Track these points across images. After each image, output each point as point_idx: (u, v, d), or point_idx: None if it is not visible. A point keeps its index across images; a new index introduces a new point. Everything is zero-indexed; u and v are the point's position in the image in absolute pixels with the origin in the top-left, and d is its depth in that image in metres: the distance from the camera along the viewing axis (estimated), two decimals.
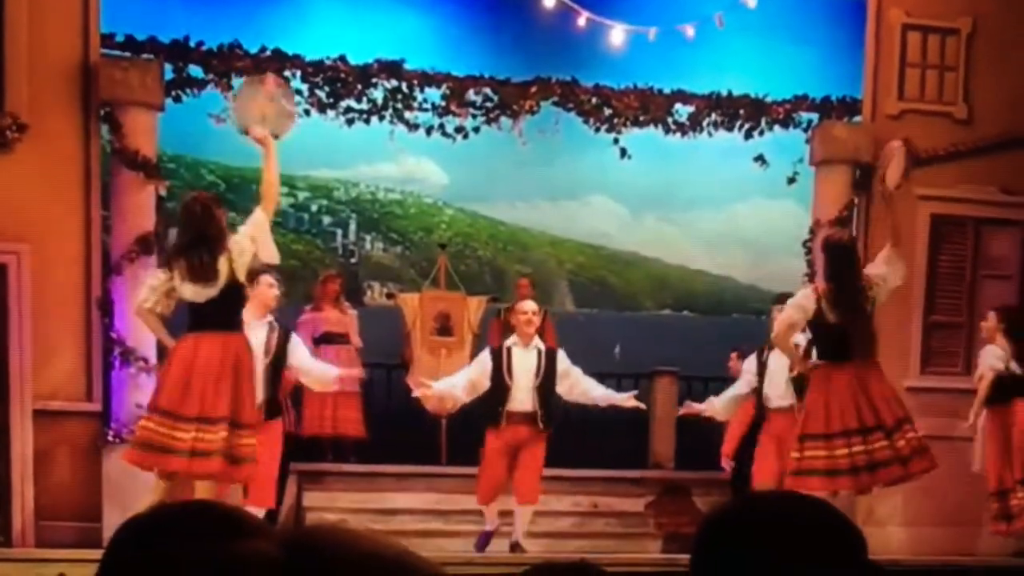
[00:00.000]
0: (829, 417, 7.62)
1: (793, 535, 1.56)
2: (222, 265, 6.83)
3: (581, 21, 9.12)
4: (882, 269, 7.75)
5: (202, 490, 6.89)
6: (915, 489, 10.18)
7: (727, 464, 9.61)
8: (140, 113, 9.01)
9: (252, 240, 6.91)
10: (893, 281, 7.80)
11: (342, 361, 10.36)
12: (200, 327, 6.92)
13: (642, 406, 8.51)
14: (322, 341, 10.38)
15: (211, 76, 9.42)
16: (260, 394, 7.32)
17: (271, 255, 7.03)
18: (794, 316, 7.69)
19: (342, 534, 1.28)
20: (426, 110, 9.95)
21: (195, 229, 6.90)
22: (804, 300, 7.72)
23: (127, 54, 9.18)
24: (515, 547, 8.33)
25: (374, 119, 9.91)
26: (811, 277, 10.18)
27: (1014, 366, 8.84)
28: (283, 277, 11.91)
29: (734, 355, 10.09)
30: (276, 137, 7.23)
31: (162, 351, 7.84)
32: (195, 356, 6.85)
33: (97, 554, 1.56)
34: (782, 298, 8.39)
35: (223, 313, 6.90)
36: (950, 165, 10.30)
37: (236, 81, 9.46)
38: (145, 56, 9.19)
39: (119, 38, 9.20)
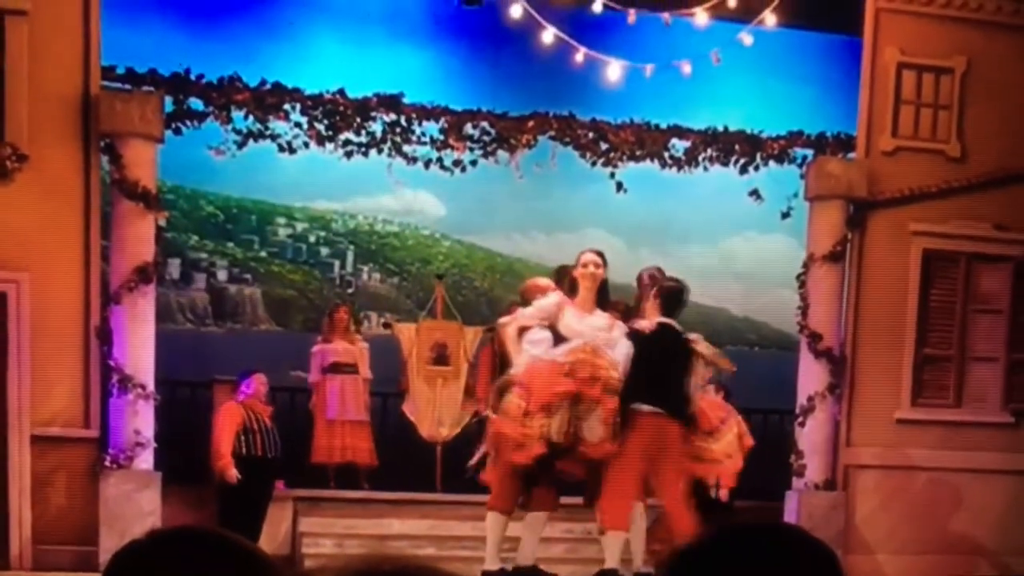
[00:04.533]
0: None
1: (768, 563, 1.58)
2: None
3: (579, 57, 9.21)
4: None
5: None
6: (906, 517, 10.29)
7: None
8: (140, 144, 9.10)
9: None
10: None
11: (347, 392, 10.47)
12: None
13: None
14: (330, 371, 10.49)
15: (211, 108, 9.53)
16: None
17: None
18: None
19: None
20: (424, 143, 10.06)
21: None
22: None
23: (127, 86, 9.28)
24: None
25: (372, 152, 10.02)
26: (805, 311, 10.28)
27: None
28: (280, 307, 12.02)
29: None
30: None
31: None
32: None
33: None
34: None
35: None
36: (943, 201, 10.43)
37: (236, 114, 9.59)
38: (145, 88, 9.30)
39: (120, 70, 9.32)
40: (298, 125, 9.79)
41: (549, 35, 9.01)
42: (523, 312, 7.76)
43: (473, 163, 10.19)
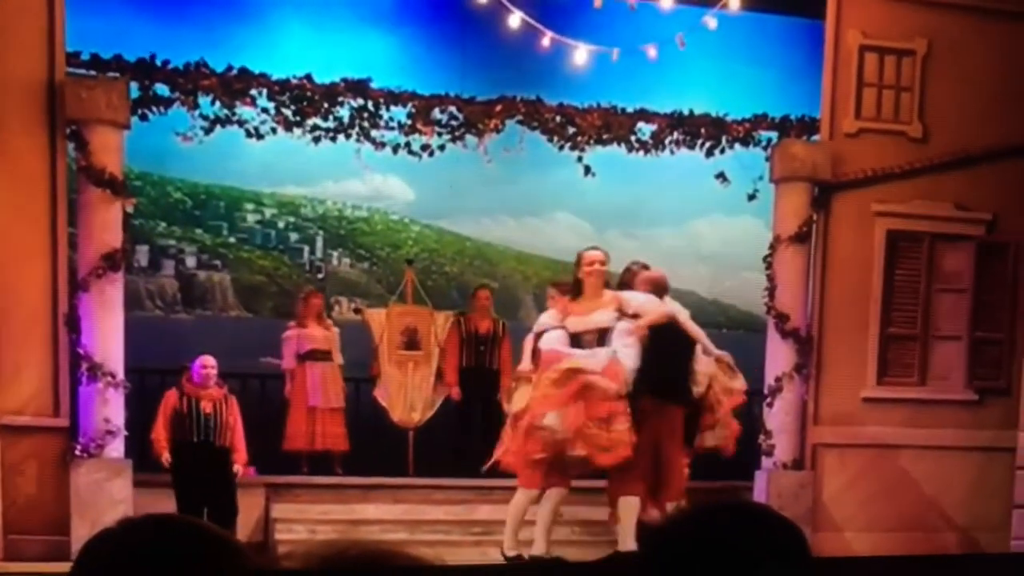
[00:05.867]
0: None
1: (738, 541, 1.64)
2: None
3: (545, 41, 9.25)
4: None
5: None
6: (873, 495, 10.44)
7: None
8: (106, 131, 9.05)
9: None
10: None
11: (327, 379, 10.48)
12: None
13: None
14: (308, 358, 10.48)
15: (177, 94, 9.47)
16: None
17: None
18: None
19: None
20: (392, 128, 10.05)
21: None
22: None
23: (93, 72, 9.21)
24: None
25: (340, 137, 10.00)
26: (772, 292, 10.38)
27: None
28: (250, 293, 12.00)
29: None
30: None
31: None
32: None
33: (66, 567, 1.64)
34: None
35: None
36: (906, 182, 10.54)
37: (202, 100, 9.56)
38: (111, 74, 9.24)
39: (85, 56, 9.24)
40: (265, 111, 9.76)
41: (516, 19, 9.05)
42: (679, 308, 8.47)
43: (441, 148, 10.19)
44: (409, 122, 10.04)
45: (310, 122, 9.86)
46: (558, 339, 8.18)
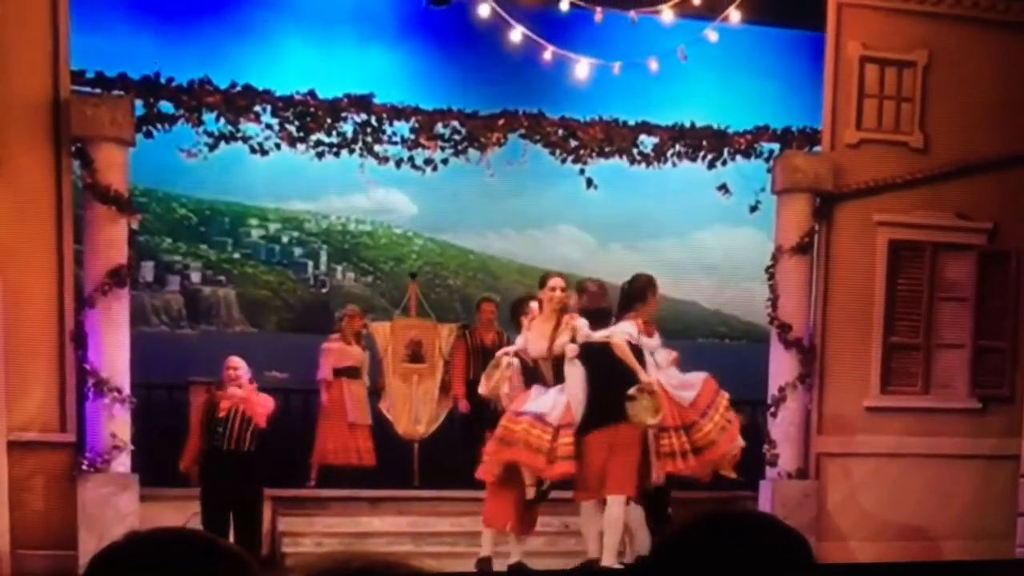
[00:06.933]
0: None
1: (743, 550, 1.66)
2: None
3: (547, 55, 9.30)
4: None
5: None
6: (877, 504, 10.45)
7: None
8: (111, 148, 9.10)
9: None
10: None
11: (356, 398, 10.57)
12: None
13: None
14: (345, 374, 10.57)
15: (181, 111, 9.53)
16: None
17: None
18: None
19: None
20: (395, 143, 10.11)
21: None
22: None
23: (97, 90, 9.27)
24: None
25: (344, 152, 10.06)
26: (774, 302, 10.40)
27: None
28: (255, 308, 12.04)
29: None
30: None
31: None
32: None
33: None
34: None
35: None
36: (907, 192, 10.57)
37: (207, 116, 9.62)
38: (116, 92, 9.29)
39: (89, 74, 9.29)
40: (269, 127, 9.82)
41: (517, 34, 9.09)
42: None
43: (444, 162, 10.26)
44: (412, 136, 10.11)
45: (314, 137, 9.93)
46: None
